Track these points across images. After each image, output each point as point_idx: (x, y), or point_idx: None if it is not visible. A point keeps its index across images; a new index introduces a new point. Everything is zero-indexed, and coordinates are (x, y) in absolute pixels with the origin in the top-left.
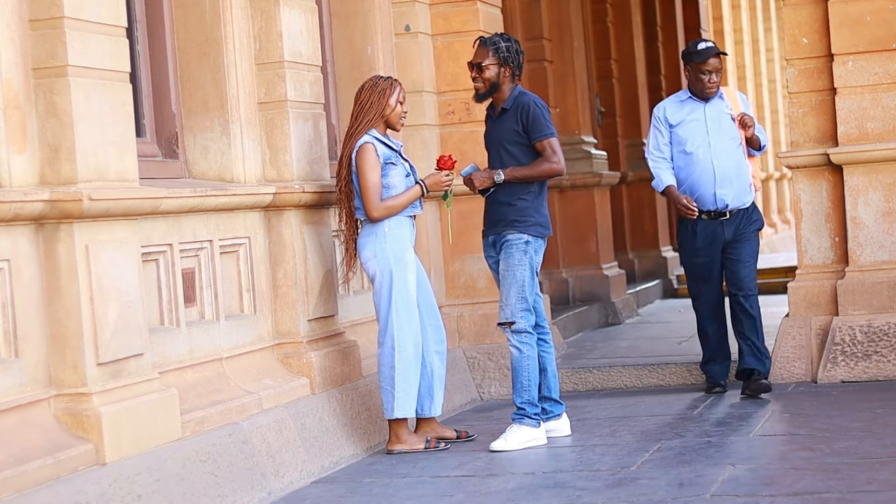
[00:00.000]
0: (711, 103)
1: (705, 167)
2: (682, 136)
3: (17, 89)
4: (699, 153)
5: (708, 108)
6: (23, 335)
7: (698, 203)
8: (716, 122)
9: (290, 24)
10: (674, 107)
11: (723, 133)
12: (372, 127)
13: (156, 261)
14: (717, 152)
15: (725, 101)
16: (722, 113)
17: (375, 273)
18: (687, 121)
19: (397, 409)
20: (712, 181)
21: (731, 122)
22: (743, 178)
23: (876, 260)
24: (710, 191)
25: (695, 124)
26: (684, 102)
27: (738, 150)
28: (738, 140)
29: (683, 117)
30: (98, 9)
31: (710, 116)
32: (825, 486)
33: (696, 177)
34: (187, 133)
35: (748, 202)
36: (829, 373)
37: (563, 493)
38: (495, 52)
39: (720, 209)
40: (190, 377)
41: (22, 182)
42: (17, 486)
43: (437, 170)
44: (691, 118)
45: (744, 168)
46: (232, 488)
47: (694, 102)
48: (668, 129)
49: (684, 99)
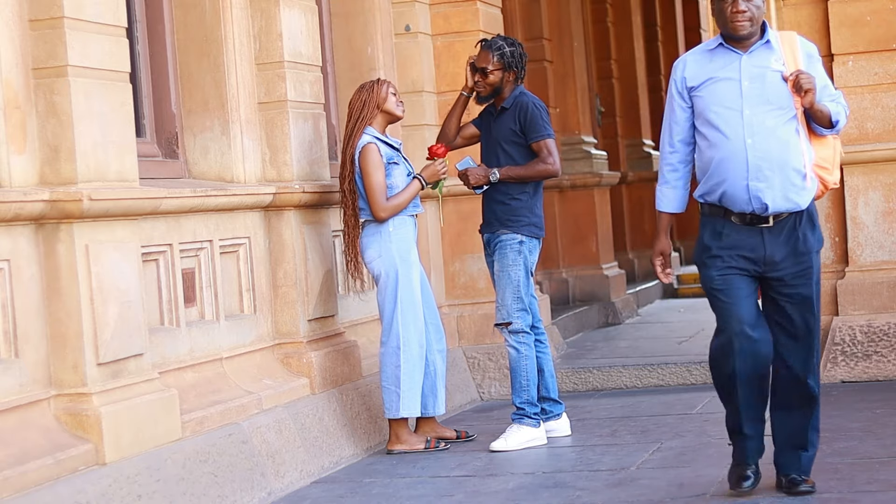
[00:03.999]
0: (753, 54)
1: (734, 149)
2: (705, 102)
3: (17, 89)
4: (727, 128)
5: (746, 60)
6: (23, 335)
7: (726, 202)
8: (757, 82)
9: (291, 24)
10: (699, 60)
11: (765, 99)
12: (371, 122)
13: (156, 261)
14: (755, 127)
15: (776, 52)
16: (767, 69)
17: (380, 273)
18: (715, 79)
19: (402, 408)
20: (744, 169)
21: (782, 82)
22: (794, 166)
23: (876, 260)
24: (741, 183)
25: (724, 85)
26: (714, 52)
27: (789, 126)
28: (789, 110)
29: (711, 74)
30: (98, 9)
31: (749, 73)
32: (825, 486)
33: (720, 164)
34: (187, 133)
35: (805, 204)
36: (829, 373)
37: (563, 493)
38: (500, 57)
39: (758, 211)
40: (190, 377)
41: (22, 182)
42: (17, 486)
43: (428, 159)
44: (721, 75)
45: (797, 152)
46: (232, 488)
47: (727, 52)
48: (689, 95)
49: (714, 48)
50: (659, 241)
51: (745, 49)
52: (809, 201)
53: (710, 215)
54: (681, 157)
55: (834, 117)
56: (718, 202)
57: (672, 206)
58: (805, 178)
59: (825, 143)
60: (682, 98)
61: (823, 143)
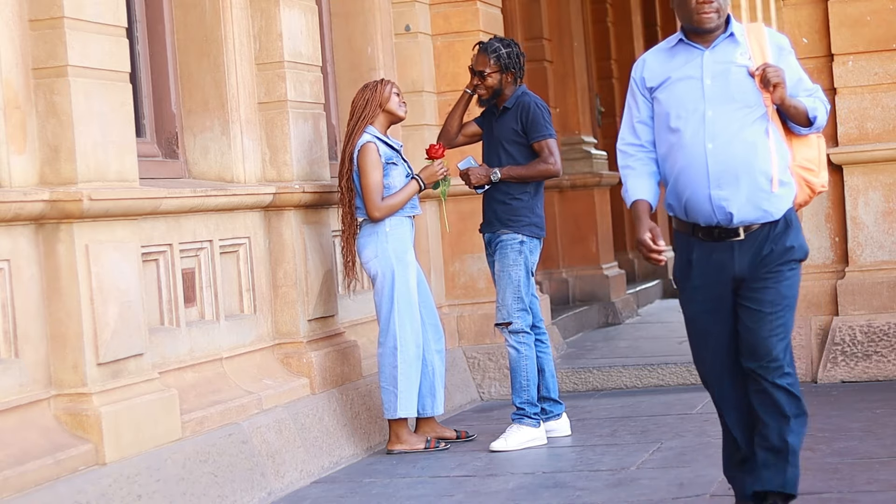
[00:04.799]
0: (716, 49)
1: (694, 155)
2: (664, 104)
3: (17, 89)
4: (687, 132)
5: (709, 56)
6: (23, 335)
7: (690, 213)
8: (720, 80)
9: (291, 24)
10: (658, 59)
11: (729, 97)
12: (373, 121)
13: (156, 261)
14: (717, 129)
15: (743, 45)
16: (731, 64)
17: (377, 273)
18: (674, 79)
19: (400, 408)
20: (704, 177)
21: (748, 78)
22: (762, 170)
23: (876, 260)
24: (703, 193)
25: (684, 85)
26: (674, 50)
27: (757, 126)
28: (757, 108)
29: (670, 73)
30: (98, 9)
31: (711, 70)
32: (825, 486)
33: (680, 173)
34: (187, 133)
35: (777, 212)
36: (829, 373)
37: (563, 493)
38: (497, 59)
39: (723, 223)
40: (190, 377)
41: (22, 182)
42: (17, 486)
43: (427, 159)
44: (681, 74)
45: (766, 154)
46: (232, 488)
47: (688, 49)
48: (650, 95)
49: (674, 45)
50: (641, 224)
51: (707, 44)
52: (785, 209)
53: (679, 232)
54: (652, 156)
55: (811, 113)
56: (685, 215)
57: (647, 194)
58: (778, 183)
59: (808, 143)
60: (644, 96)
61: (806, 143)
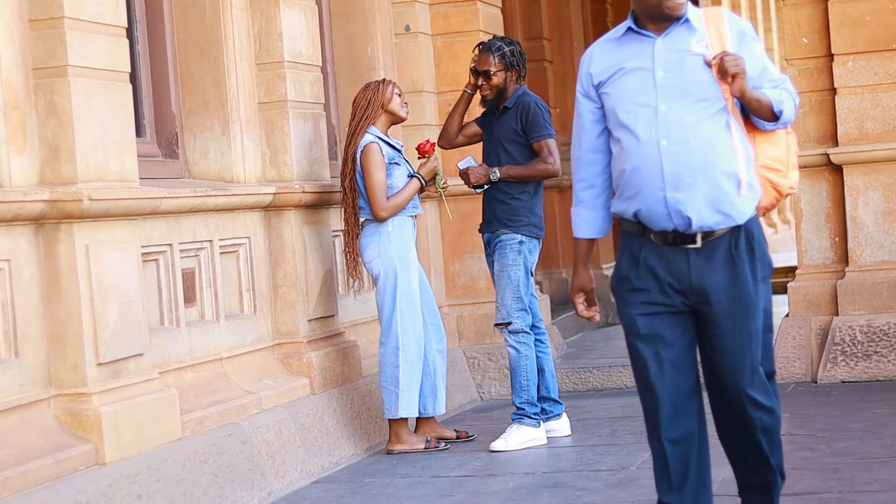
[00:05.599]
0: (669, 37)
1: (647, 154)
2: (613, 99)
3: (16, 89)
4: (639, 129)
5: (661, 44)
6: (23, 335)
7: (644, 219)
8: (674, 71)
9: (290, 24)
10: (606, 50)
11: (684, 90)
12: (375, 121)
13: (156, 261)
14: (671, 125)
15: (699, 32)
16: (686, 53)
17: (379, 273)
18: (623, 71)
19: (401, 408)
20: (659, 178)
21: (705, 68)
22: (722, 169)
23: (876, 260)
24: (658, 195)
25: (635, 77)
26: (622, 39)
27: (716, 121)
28: (715, 101)
29: (619, 65)
30: (98, 9)
31: (664, 60)
32: (825, 486)
33: (632, 173)
34: (187, 133)
35: (741, 217)
36: (829, 373)
37: (563, 493)
38: (501, 57)
39: (680, 228)
40: (190, 377)
41: (22, 182)
42: (16, 486)
43: (419, 158)
44: (631, 65)
45: (727, 152)
46: (232, 488)
47: (637, 38)
48: (597, 92)
49: (622, 34)
50: (577, 274)
51: (659, 31)
52: (750, 214)
53: (627, 233)
54: (596, 170)
55: (776, 106)
56: (635, 219)
57: (591, 231)
58: (740, 183)
59: (775, 140)
60: (589, 99)
61: (772, 140)
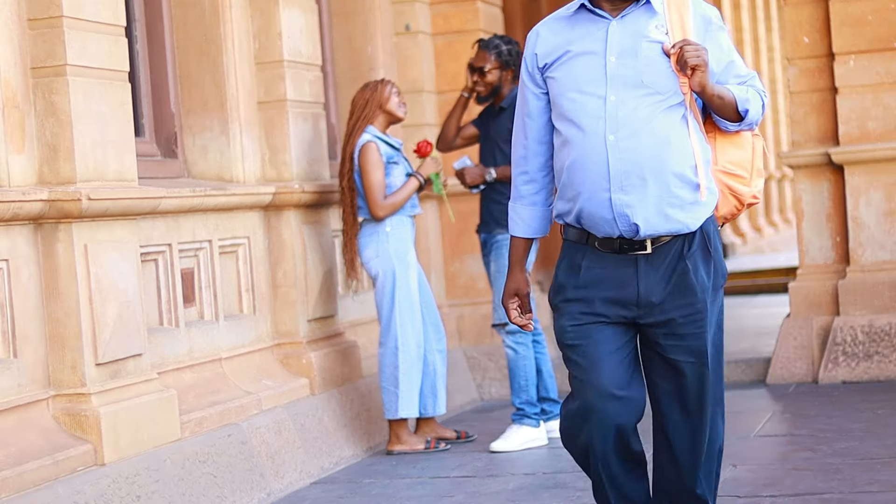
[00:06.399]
0: (626, 19)
1: (592, 149)
2: (559, 85)
3: (15, 89)
4: (584, 120)
5: (616, 27)
6: (21, 335)
7: (586, 222)
8: (628, 58)
9: (290, 24)
10: (555, 29)
11: (637, 80)
12: (373, 121)
13: (155, 261)
14: (621, 118)
15: (660, 16)
16: (643, 39)
17: (378, 273)
18: (572, 54)
19: (401, 409)
20: (605, 177)
21: (663, 57)
22: (675, 170)
23: (877, 260)
24: (602, 196)
25: (584, 61)
26: (574, 18)
27: (671, 116)
28: (672, 95)
29: (567, 47)
30: (97, 8)
31: (618, 45)
32: (826, 487)
33: (575, 170)
34: (186, 133)
35: (694, 223)
36: (831, 373)
37: (563, 494)
38: (497, 55)
39: (627, 235)
40: (189, 377)
41: (20, 182)
42: (15, 487)
43: (418, 157)
44: (580, 48)
45: (682, 152)
46: (231, 489)
47: (590, 18)
48: (542, 76)
49: (574, 11)
50: (513, 276)
51: (616, 12)
52: (703, 220)
53: (569, 240)
54: (540, 163)
55: (741, 105)
56: (577, 223)
57: (529, 229)
58: (697, 187)
59: (739, 143)
60: (534, 82)
61: (736, 142)
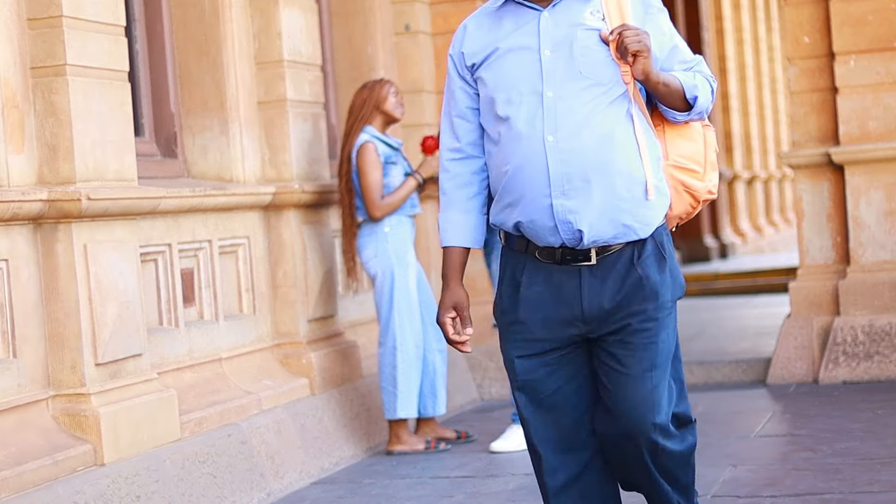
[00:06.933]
0: (557, 7)
1: (530, 151)
2: (490, 85)
3: (15, 88)
4: (520, 121)
5: (548, 18)
6: (21, 335)
7: (526, 231)
8: (563, 49)
9: (290, 23)
10: (482, 25)
11: (575, 72)
12: (370, 121)
13: (154, 261)
14: (560, 116)
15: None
16: (578, 28)
17: (377, 273)
18: (502, 50)
19: (400, 409)
20: (544, 181)
21: (601, 46)
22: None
23: (878, 260)
24: (542, 202)
25: (516, 57)
26: (501, 11)
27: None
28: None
29: (497, 44)
30: (97, 8)
31: (551, 37)
32: (827, 487)
33: (512, 175)
34: (186, 132)
35: (645, 230)
36: (831, 373)
37: None
38: None
39: (570, 243)
40: (189, 377)
41: (20, 182)
42: (15, 487)
43: (424, 154)
44: (511, 43)
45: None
46: (231, 489)
47: (519, 10)
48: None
49: (501, 4)
50: (449, 291)
51: (546, 2)
52: (656, 224)
53: (509, 250)
54: (474, 166)
55: (689, 92)
56: (517, 232)
57: (463, 238)
58: (646, 188)
59: (689, 134)
60: (464, 80)
61: (686, 134)
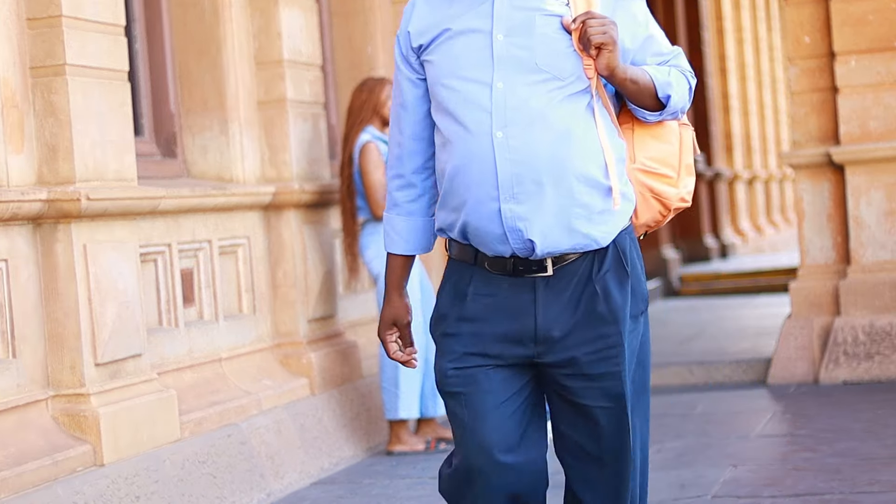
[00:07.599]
0: None
1: (476, 149)
2: (437, 70)
3: (14, 88)
4: (466, 114)
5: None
6: (20, 335)
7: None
8: (519, 35)
9: (290, 23)
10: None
11: (531, 63)
12: (369, 123)
13: (154, 261)
14: (510, 110)
15: None
16: (537, 12)
17: (379, 273)
18: (452, 32)
19: (401, 409)
20: (492, 183)
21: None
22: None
23: (878, 260)
24: (490, 206)
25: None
26: None
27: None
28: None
29: (447, 24)
30: (96, 7)
31: (506, 20)
32: (827, 487)
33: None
34: (186, 132)
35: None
36: (831, 373)
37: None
38: None
39: (521, 253)
40: (189, 378)
41: (20, 182)
42: (14, 487)
43: None
44: (461, 25)
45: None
46: (231, 489)
47: None
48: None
49: None
50: (390, 303)
51: None
52: (617, 232)
53: (454, 259)
54: (418, 164)
55: (661, 90)
56: (463, 238)
57: (408, 245)
58: (609, 192)
59: (662, 135)
60: (409, 65)
61: (658, 135)
